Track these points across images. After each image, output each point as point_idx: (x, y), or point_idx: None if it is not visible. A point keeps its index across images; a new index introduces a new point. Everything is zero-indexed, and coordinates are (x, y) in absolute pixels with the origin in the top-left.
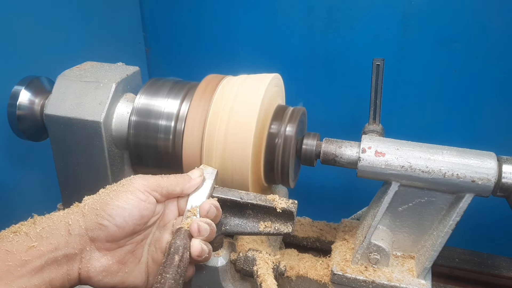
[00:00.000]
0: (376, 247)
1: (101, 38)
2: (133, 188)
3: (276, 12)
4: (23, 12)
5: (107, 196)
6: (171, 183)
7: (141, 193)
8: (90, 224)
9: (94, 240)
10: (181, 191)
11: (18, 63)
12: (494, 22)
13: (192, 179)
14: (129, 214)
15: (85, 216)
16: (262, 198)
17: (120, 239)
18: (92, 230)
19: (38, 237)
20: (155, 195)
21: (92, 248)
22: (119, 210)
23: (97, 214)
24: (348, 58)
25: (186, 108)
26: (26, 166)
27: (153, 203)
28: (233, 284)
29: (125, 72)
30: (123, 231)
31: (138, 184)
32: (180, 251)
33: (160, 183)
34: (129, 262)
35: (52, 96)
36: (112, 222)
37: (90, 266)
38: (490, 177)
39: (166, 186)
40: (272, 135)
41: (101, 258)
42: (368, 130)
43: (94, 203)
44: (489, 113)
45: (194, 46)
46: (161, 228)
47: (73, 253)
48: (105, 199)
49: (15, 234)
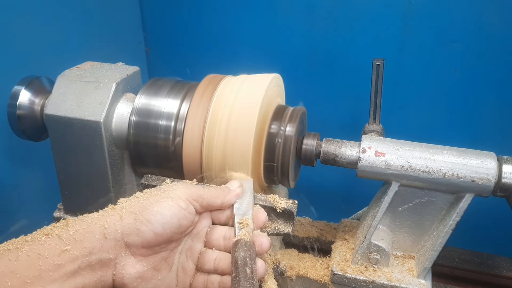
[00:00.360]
0: (376, 247)
1: (101, 38)
2: (174, 195)
3: (276, 12)
4: (23, 12)
5: (147, 200)
6: (211, 195)
7: (182, 202)
8: (127, 229)
9: (129, 245)
10: (221, 203)
11: (18, 63)
12: (494, 22)
13: (232, 191)
14: (168, 222)
15: (123, 219)
16: (262, 198)
17: (156, 245)
18: (129, 235)
19: (72, 240)
20: (195, 205)
21: (127, 253)
22: (159, 216)
23: (136, 218)
24: (348, 58)
25: (186, 108)
26: (26, 166)
27: (193, 213)
28: None
29: (125, 72)
30: (160, 238)
31: (180, 191)
32: (249, 263)
33: (202, 194)
34: (162, 269)
35: (52, 96)
36: (151, 228)
37: (124, 272)
38: (490, 177)
39: (207, 197)
40: (272, 135)
41: (136, 264)
42: (368, 130)
43: (133, 206)
44: (489, 113)
45: (194, 46)
46: (193, 236)
47: (108, 258)
48: (145, 204)
49: (47, 236)
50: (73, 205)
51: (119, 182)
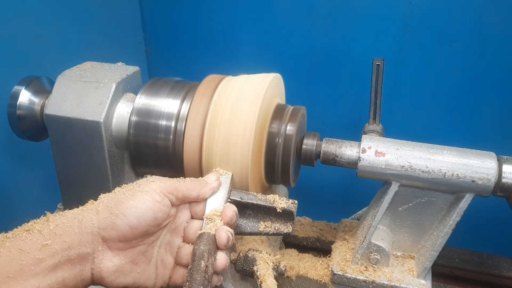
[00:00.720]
0: (376, 247)
1: (101, 38)
2: (149, 189)
3: (276, 12)
4: (23, 12)
5: (123, 195)
6: (187, 187)
7: (157, 195)
8: (103, 223)
9: (106, 240)
10: (197, 195)
11: (18, 63)
12: (494, 22)
13: (208, 184)
14: (143, 215)
15: (99, 214)
16: (262, 198)
17: (132, 239)
18: (105, 229)
19: (52, 234)
20: (171, 198)
21: (104, 248)
22: (133, 209)
23: (111, 212)
24: (348, 58)
25: (187, 108)
26: (26, 166)
27: (168, 205)
28: (233, 284)
29: (125, 72)
30: (136, 231)
31: (155, 185)
32: (206, 257)
33: (177, 186)
34: (141, 263)
35: (52, 96)
36: (126, 221)
37: (102, 266)
38: (490, 177)
39: (182, 189)
40: (273, 134)
41: (114, 258)
42: (368, 130)
43: (109, 201)
44: (489, 113)
45: (194, 46)
46: (172, 230)
47: (86, 252)
48: (120, 198)
49: (28, 232)
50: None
51: (119, 182)
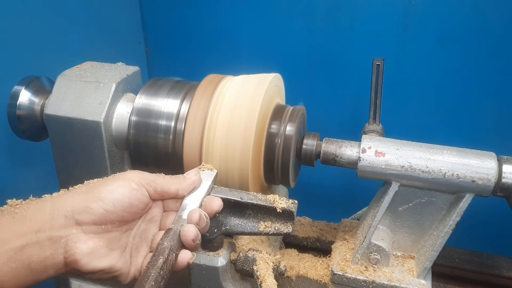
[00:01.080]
0: (376, 247)
1: (101, 38)
2: (127, 178)
3: (276, 12)
4: (23, 12)
5: (100, 181)
6: (166, 182)
7: (133, 183)
8: (78, 207)
9: (80, 223)
10: (176, 191)
11: (18, 63)
12: (494, 22)
13: (187, 179)
14: (118, 200)
15: (74, 198)
16: (262, 198)
17: (108, 223)
18: (80, 213)
19: (22, 218)
20: (149, 189)
21: (78, 231)
22: (109, 194)
23: (87, 197)
24: (348, 58)
25: (186, 108)
26: (26, 166)
27: (145, 195)
28: (233, 284)
29: (125, 72)
30: (111, 215)
31: (132, 175)
32: (166, 253)
33: (154, 179)
34: (116, 249)
35: (52, 96)
36: (101, 205)
37: (76, 248)
38: (490, 177)
39: (161, 183)
40: (272, 134)
41: (88, 241)
42: (368, 130)
43: (85, 187)
44: (489, 113)
45: (194, 46)
46: (147, 221)
47: (58, 235)
48: (97, 184)
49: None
50: None
51: None
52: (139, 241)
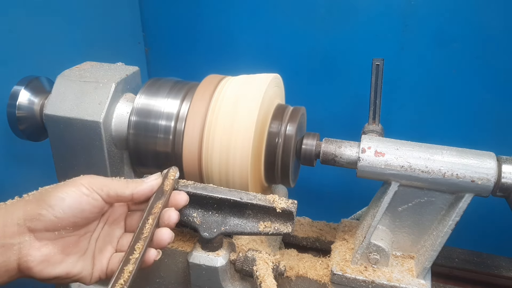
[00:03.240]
0: (375, 247)
1: (100, 38)
2: (77, 183)
3: (276, 12)
4: (23, 12)
5: (52, 188)
6: (120, 186)
7: (84, 188)
8: (30, 214)
9: (32, 230)
10: (130, 194)
11: (18, 63)
12: (494, 22)
13: (144, 183)
14: (68, 206)
15: (26, 205)
16: (262, 198)
17: (60, 229)
18: (31, 220)
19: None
20: (101, 194)
21: (31, 238)
22: (59, 200)
23: (38, 204)
24: (348, 58)
25: (186, 108)
26: (26, 166)
27: (97, 199)
28: (232, 284)
29: (125, 72)
30: (62, 222)
31: (83, 180)
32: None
33: (106, 183)
34: (73, 254)
35: (51, 96)
36: (51, 212)
37: (29, 256)
38: (489, 177)
39: (114, 187)
40: (272, 134)
41: (42, 248)
42: (367, 130)
43: (37, 194)
44: (489, 113)
45: (194, 46)
46: (110, 223)
47: (10, 243)
48: (49, 190)
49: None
50: None
51: None
52: (103, 243)
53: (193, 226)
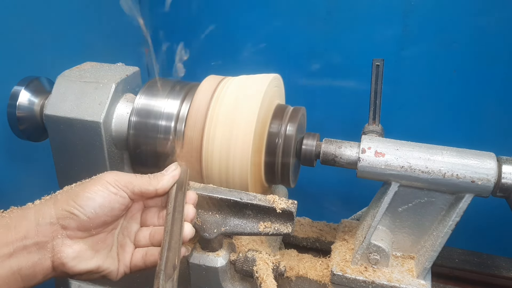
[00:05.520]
0: (376, 248)
1: (101, 38)
2: (103, 181)
3: (276, 12)
4: (23, 12)
5: (79, 187)
6: (143, 182)
7: (111, 187)
8: (62, 213)
9: (65, 228)
10: (155, 190)
11: (18, 63)
12: (493, 22)
13: (165, 176)
14: (99, 206)
15: (56, 205)
16: (262, 199)
17: (91, 229)
18: (64, 218)
19: (6, 226)
20: (126, 191)
21: (63, 235)
22: (90, 201)
23: (68, 203)
24: (348, 58)
25: (186, 108)
26: (26, 166)
27: (124, 197)
28: (232, 284)
29: (125, 72)
30: (94, 221)
31: (109, 178)
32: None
33: (131, 180)
34: (102, 249)
35: (51, 96)
36: (83, 212)
37: (62, 252)
38: (489, 177)
39: (138, 184)
40: (273, 135)
41: (74, 245)
42: (368, 130)
43: (67, 193)
44: (489, 113)
45: (194, 46)
46: (128, 219)
47: (44, 241)
48: (77, 190)
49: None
50: None
51: None
52: (122, 238)
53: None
